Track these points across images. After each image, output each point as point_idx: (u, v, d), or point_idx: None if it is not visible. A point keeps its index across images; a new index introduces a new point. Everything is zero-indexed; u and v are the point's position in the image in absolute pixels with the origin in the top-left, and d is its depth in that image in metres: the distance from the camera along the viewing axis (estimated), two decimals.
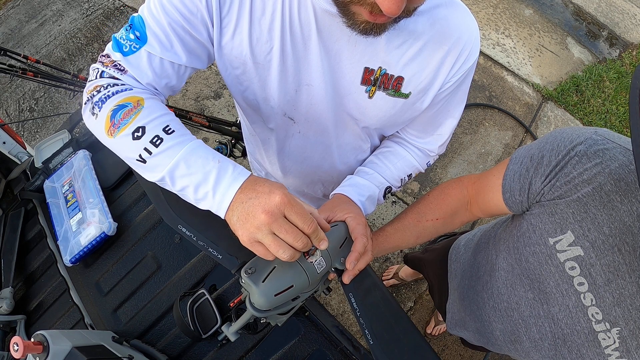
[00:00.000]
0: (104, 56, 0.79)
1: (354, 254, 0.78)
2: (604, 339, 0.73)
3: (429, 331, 2.29)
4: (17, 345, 0.73)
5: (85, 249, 1.06)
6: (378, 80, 0.83)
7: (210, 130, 2.03)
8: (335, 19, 0.72)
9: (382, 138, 1.11)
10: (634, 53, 3.67)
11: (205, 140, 2.59)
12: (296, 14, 0.75)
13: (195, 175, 0.67)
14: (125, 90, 0.75)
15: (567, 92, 3.27)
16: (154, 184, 0.73)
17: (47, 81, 1.91)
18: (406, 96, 0.86)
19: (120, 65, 0.77)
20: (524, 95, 3.21)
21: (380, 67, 0.81)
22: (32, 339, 0.78)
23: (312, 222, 0.65)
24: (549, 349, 0.85)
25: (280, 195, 0.63)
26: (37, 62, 1.95)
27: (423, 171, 1.10)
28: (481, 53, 3.29)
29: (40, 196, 1.22)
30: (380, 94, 0.85)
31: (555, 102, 3.23)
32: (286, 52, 0.79)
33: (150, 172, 0.70)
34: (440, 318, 2.23)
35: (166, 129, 0.70)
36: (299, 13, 0.75)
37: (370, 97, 0.86)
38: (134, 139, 0.69)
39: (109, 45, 0.79)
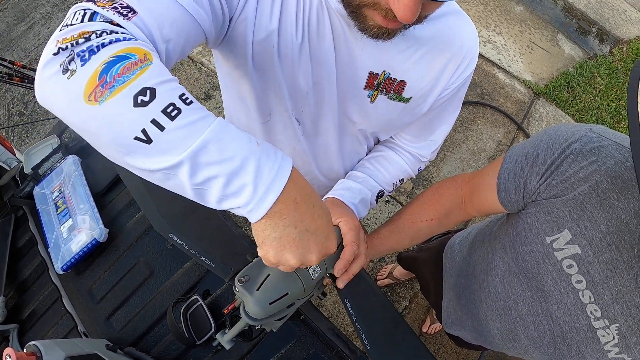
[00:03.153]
0: None
1: (342, 262, 0.78)
2: (603, 336, 0.73)
3: (424, 330, 2.29)
4: (10, 357, 0.72)
5: (76, 256, 1.04)
6: (381, 84, 0.83)
7: None
8: (345, 21, 0.71)
9: (377, 141, 1.11)
10: (625, 49, 3.70)
11: None
12: (315, 11, 0.74)
13: (230, 161, 0.48)
14: (129, 39, 0.52)
15: (559, 88, 3.29)
16: (143, 188, 0.66)
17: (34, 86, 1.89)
18: (407, 100, 0.86)
19: (127, 6, 0.54)
20: (516, 92, 3.22)
21: (384, 71, 0.81)
22: (25, 350, 0.77)
23: None
24: (547, 346, 0.85)
25: (336, 245, 0.62)
26: (24, 67, 1.93)
27: (414, 176, 1.11)
28: None
29: (30, 203, 1.20)
30: (381, 98, 0.85)
31: (547, 98, 3.25)
32: (304, 48, 0.77)
33: (156, 158, 0.48)
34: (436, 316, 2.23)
35: (183, 98, 0.49)
36: (317, 11, 0.74)
37: (372, 102, 0.86)
38: (136, 104, 0.46)
39: None
